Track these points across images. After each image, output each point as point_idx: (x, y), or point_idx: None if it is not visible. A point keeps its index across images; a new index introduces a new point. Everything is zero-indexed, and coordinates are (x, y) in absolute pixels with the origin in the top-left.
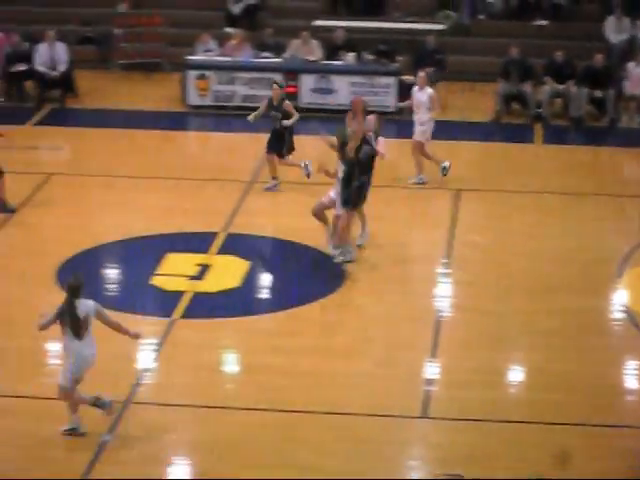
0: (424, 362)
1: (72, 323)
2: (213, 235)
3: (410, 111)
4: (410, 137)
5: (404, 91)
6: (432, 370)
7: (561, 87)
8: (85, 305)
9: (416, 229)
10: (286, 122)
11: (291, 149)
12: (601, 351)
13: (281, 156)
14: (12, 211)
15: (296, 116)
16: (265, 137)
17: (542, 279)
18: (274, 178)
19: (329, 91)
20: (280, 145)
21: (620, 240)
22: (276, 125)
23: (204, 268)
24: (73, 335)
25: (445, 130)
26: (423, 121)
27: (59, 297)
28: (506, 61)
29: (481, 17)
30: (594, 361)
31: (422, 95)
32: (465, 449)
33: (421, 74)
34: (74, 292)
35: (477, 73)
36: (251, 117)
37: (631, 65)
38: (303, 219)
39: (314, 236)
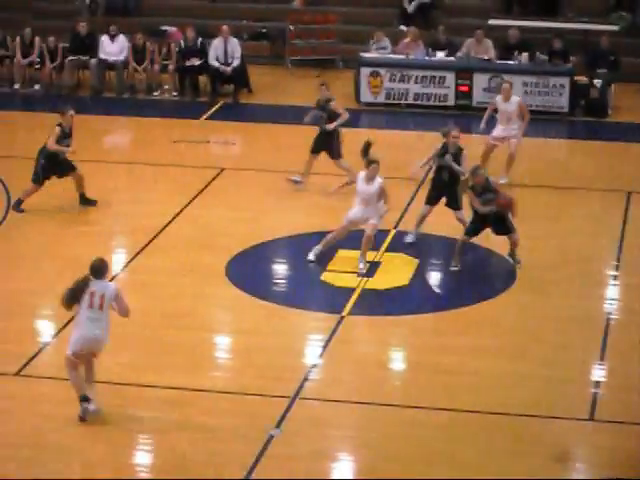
0: (592, 364)
1: (89, 300)
2: (385, 233)
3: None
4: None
5: (577, 92)
6: (600, 372)
7: None
8: (104, 286)
9: (585, 231)
10: (329, 125)
11: (338, 153)
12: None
13: (331, 157)
14: (93, 203)
15: (343, 117)
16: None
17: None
18: (302, 175)
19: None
20: (326, 145)
21: None
22: (322, 125)
23: (374, 265)
24: (87, 309)
25: (617, 132)
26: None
27: (229, 291)
28: None
29: None
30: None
31: (509, 106)
32: (631, 454)
33: (506, 85)
34: (94, 272)
35: None
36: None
37: None
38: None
39: (483, 236)
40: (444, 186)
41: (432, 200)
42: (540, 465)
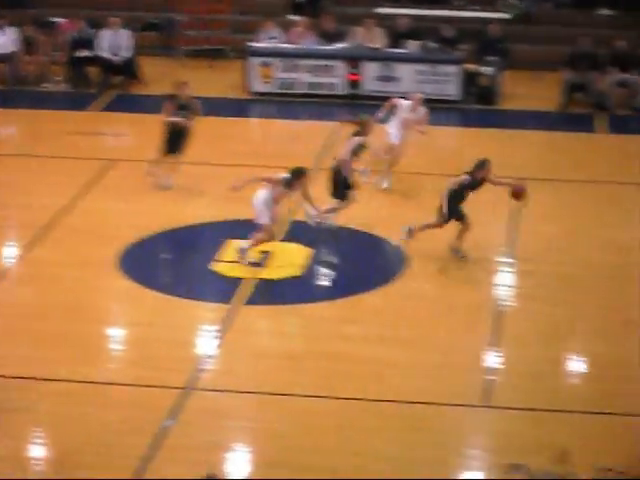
0: (486, 351)
1: None
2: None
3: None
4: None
5: (468, 79)
6: (494, 359)
7: (625, 76)
8: None
9: (477, 219)
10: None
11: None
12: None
13: (179, 152)
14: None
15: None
16: (329, 125)
17: (609, 269)
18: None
19: (392, 79)
20: (183, 143)
21: None
22: (186, 123)
23: (266, 255)
24: None
25: (509, 119)
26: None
27: (122, 283)
28: (574, 50)
29: (546, 5)
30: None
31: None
32: (526, 439)
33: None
34: None
35: (541, 62)
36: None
37: None
38: (365, 206)
39: (376, 223)
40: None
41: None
42: (436, 452)
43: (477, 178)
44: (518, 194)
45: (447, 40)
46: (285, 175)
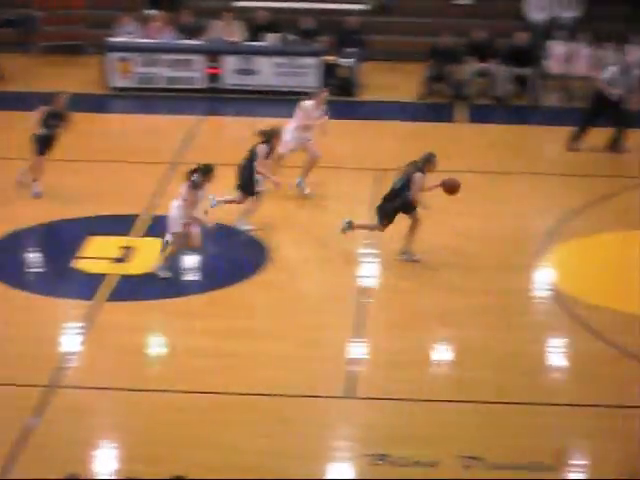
0: (348, 342)
1: None
2: (136, 217)
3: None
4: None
5: (327, 71)
6: (357, 350)
7: (484, 66)
8: None
9: (336, 209)
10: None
11: None
12: (527, 330)
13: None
14: None
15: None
16: (188, 119)
17: (468, 258)
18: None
19: (252, 72)
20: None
21: (544, 218)
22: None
23: (128, 250)
24: None
25: (368, 110)
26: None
27: None
28: (436, 43)
29: None
30: (521, 340)
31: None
32: (390, 429)
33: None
34: None
35: (401, 53)
36: None
37: (553, 44)
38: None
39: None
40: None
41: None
42: (302, 444)
43: (424, 173)
44: (451, 188)
45: (306, 32)
46: (192, 178)
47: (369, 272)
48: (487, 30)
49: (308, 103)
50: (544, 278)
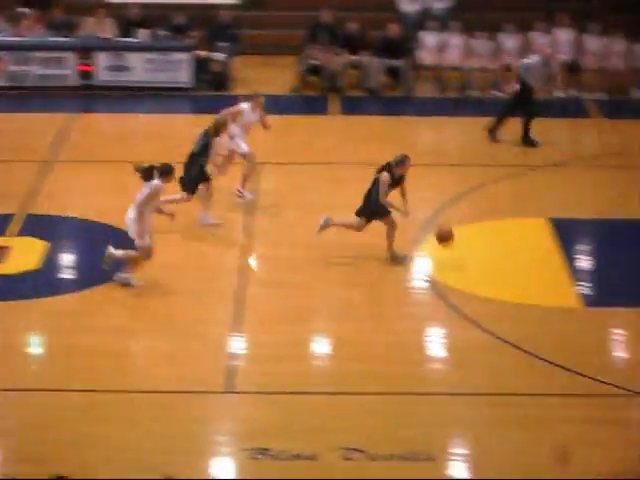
0: (227, 337)
1: None
2: (10, 217)
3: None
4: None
5: (200, 66)
6: (236, 345)
7: (356, 58)
8: None
9: (213, 204)
10: None
11: None
12: (404, 320)
13: None
14: None
15: None
16: (61, 117)
17: (344, 249)
18: None
19: (124, 69)
20: None
21: (420, 208)
22: None
23: (3, 250)
24: None
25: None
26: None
27: None
28: (315, 26)
29: None
30: (398, 330)
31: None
32: (270, 423)
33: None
34: None
35: (274, 46)
36: None
37: (424, 34)
38: (104, 198)
39: (114, 215)
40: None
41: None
42: (184, 441)
43: (396, 175)
44: (444, 238)
45: (178, 28)
46: (152, 182)
47: (247, 265)
48: (359, 22)
49: (245, 107)
50: (420, 268)
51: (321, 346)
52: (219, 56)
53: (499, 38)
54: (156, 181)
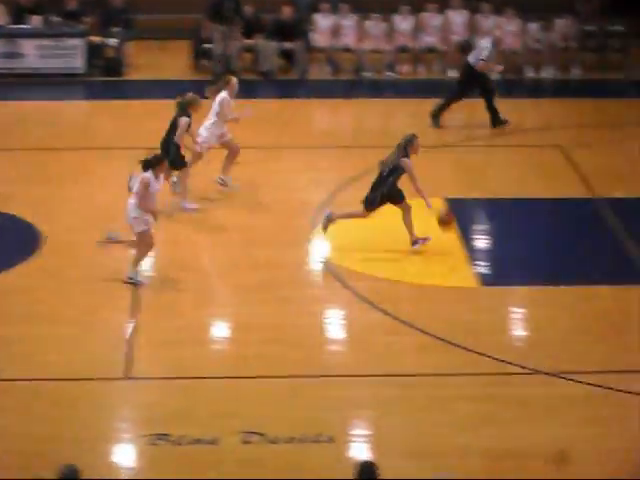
0: (125, 323)
1: None
2: None
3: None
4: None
5: (93, 52)
6: (134, 331)
7: (250, 41)
8: None
9: (110, 191)
10: None
11: None
12: (303, 302)
13: None
14: None
15: None
16: None
17: (241, 233)
18: None
19: (17, 55)
20: None
21: (316, 191)
22: None
23: None
24: None
25: (136, 90)
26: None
27: None
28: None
29: None
30: (297, 313)
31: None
32: (170, 408)
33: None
34: None
35: (168, 31)
36: None
37: (318, 17)
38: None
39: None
40: None
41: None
42: (85, 429)
43: (409, 157)
44: (447, 222)
45: (71, 13)
46: (142, 174)
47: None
48: (253, 5)
49: (224, 96)
50: (318, 250)
51: (221, 330)
52: (112, 42)
53: (393, 19)
54: (146, 173)
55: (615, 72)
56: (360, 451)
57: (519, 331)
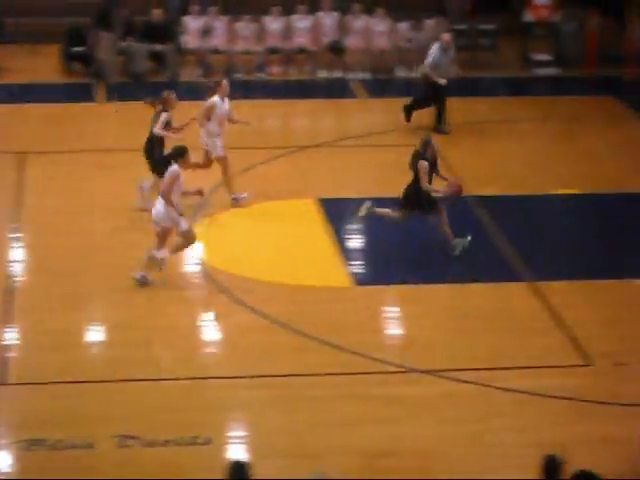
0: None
1: None
2: None
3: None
4: None
5: None
6: (8, 335)
7: (121, 44)
8: None
9: None
10: None
11: None
12: (178, 305)
13: None
14: None
15: None
16: None
17: (111, 236)
18: None
19: None
20: None
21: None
22: None
23: None
24: None
25: (7, 94)
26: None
27: None
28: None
29: None
30: (172, 315)
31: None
32: (46, 413)
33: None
34: None
35: (39, 35)
36: None
37: (188, 19)
38: None
39: None
40: None
41: None
42: None
43: (429, 158)
44: (456, 195)
45: None
46: (172, 168)
47: (14, 255)
48: (125, 8)
49: (216, 100)
50: (191, 252)
51: (95, 333)
52: None
53: (263, 21)
54: (173, 166)
55: (486, 70)
56: (237, 452)
57: (394, 330)
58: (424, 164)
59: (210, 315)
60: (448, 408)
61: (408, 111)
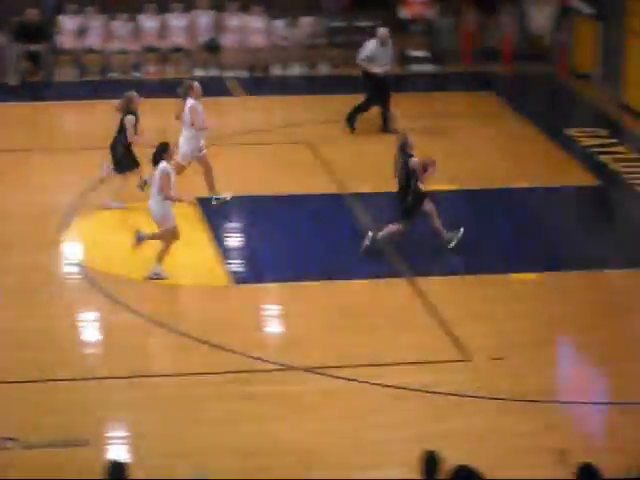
0: None
1: None
2: None
3: None
4: None
5: None
6: None
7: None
8: None
9: None
10: None
11: None
12: (56, 306)
13: None
14: None
15: None
16: None
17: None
18: None
19: None
20: None
21: (65, 193)
22: None
23: None
24: None
25: None
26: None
27: None
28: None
29: None
30: (50, 316)
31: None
32: None
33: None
34: None
35: None
36: None
37: (64, 18)
38: None
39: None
40: None
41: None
42: None
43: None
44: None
45: None
46: (161, 165)
47: None
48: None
49: (191, 102)
50: (68, 253)
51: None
52: None
53: (138, 19)
54: (161, 164)
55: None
56: (118, 453)
57: (273, 328)
58: (418, 162)
59: (87, 315)
60: (328, 405)
61: (352, 118)
